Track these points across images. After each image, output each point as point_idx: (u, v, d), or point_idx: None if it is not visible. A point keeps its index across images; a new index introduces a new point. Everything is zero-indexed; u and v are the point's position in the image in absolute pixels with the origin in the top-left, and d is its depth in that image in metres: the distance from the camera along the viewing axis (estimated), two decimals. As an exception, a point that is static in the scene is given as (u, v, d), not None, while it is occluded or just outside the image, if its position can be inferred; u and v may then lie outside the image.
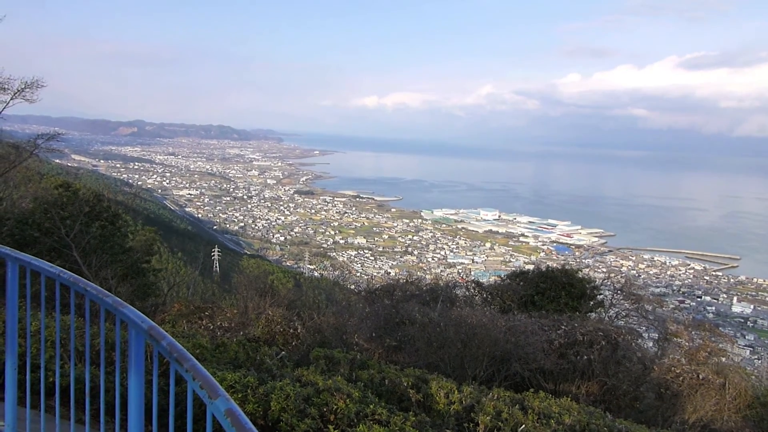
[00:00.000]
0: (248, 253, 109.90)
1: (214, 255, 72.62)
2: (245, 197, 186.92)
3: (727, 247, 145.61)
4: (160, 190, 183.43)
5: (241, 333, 12.84)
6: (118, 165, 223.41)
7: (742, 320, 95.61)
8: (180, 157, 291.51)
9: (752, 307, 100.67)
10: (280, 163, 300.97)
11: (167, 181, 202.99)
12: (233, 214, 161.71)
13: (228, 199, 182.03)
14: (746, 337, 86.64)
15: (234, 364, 7.38)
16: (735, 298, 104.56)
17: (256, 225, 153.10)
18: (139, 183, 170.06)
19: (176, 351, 2.06)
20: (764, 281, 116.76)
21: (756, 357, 73.63)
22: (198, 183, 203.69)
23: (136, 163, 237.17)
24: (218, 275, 62.85)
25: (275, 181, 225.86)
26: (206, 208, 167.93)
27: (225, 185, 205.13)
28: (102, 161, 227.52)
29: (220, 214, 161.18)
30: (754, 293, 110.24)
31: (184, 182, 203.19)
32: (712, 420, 13.90)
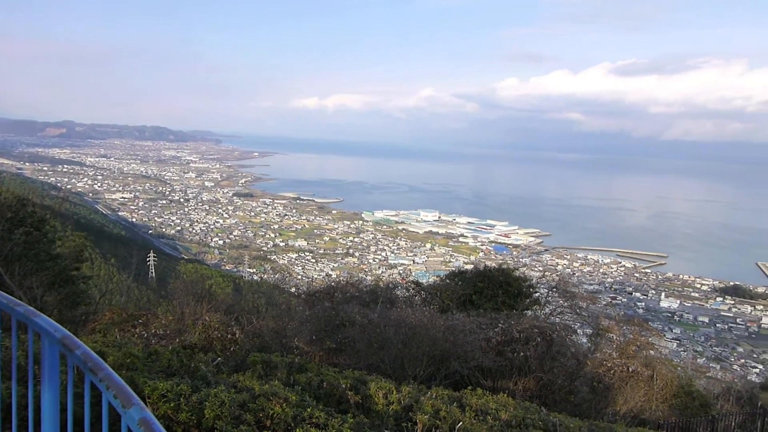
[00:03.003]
0: (185, 257, 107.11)
1: (149, 260, 70.32)
2: (182, 200, 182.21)
3: (656, 246, 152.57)
4: (91, 194, 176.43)
5: (177, 340, 12.48)
6: (46, 168, 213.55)
7: (670, 315, 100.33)
8: (113, 159, 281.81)
9: (678, 302, 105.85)
10: (218, 165, 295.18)
11: (99, 184, 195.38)
12: (170, 218, 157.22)
13: (164, 202, 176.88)
14: (673, 330, 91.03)
15: (167, 372, 7.15)
16: (663, 294, 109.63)
17: (193, 228, 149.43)
18: (69, 186, 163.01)
19: (91, 360, 1.96)
20: (690, 278, 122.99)
21: (682, 349, 77.55)
22: (132, 186, 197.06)
23: (65, 166, 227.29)
24: (154, 281, 60.90)
25: (213, 184, 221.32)
26: (141, 212, 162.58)
27: (161, 188, 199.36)
28: (27, 164, 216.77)
29: (156, 218, 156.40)
30: (680, 289, 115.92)
31: (117, 185, 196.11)
32: (642, 410, 14.51)
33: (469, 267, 24.66)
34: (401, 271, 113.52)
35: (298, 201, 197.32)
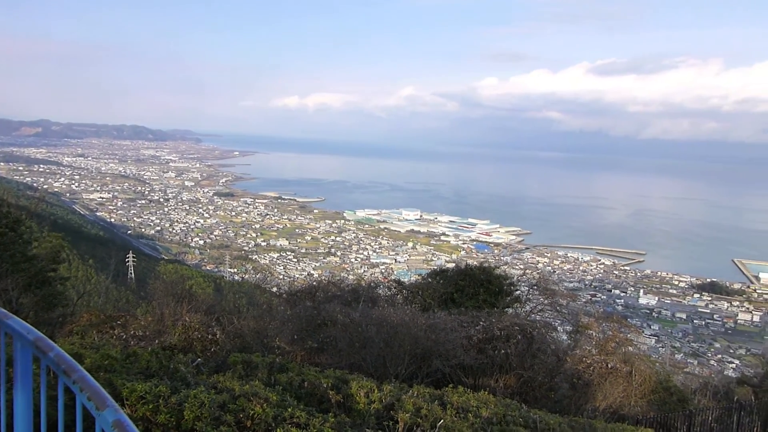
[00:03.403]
0: (165, 258, 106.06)
1: (128, 261, 69.50)
2: (162, 200, 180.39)
3: (634, 243, 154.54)
4: (68, 194, 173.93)
5: (157, 341, 12.35)
6: (21, 167, 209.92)
7: (648, 311, 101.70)
8: (90, 158, 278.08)
9: (657, 299, 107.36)
10: (198, 165, 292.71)
11: (76, 184, 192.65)
12: (149, 218, 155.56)
13: (143, 202, 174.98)
14: (651, 327, 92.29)
15: (146, 373, 7.07)
16: (641, 291, 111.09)
17: (173, 229, 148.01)
18: (45, 186, 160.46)
19: (64, 362, 1.93)
20: (668, 274, 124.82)
21: (660, 345, 78.60)
22: (110, 186, 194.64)
23: (42, 166, 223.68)
24: (133, 282, 60.19)
25: (193, 183, 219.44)
26: (119, 212, 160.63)
27: (140, 188, 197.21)
28: (2, 164, 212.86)
29: (135, 218, 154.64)
30: (658, 286, 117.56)
31: (95, 185, 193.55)
32: (621, 406, 14.69)
33: (451, 265, 24.74)
34: (383, 270, 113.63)
35: (279, 200, 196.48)
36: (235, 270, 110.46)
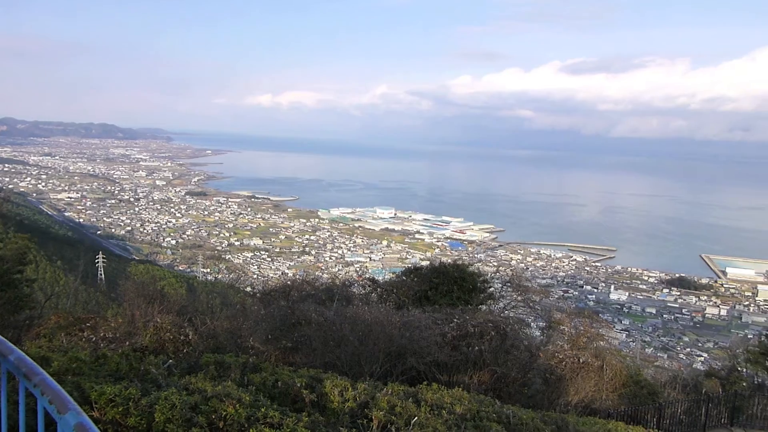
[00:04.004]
0: (137, 258, 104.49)
1: (98, 262, 68.28)
2: (132, 200, 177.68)
3: (605, 240, 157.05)
4: (35, 194, 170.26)
5: (128, 343, 12.15)
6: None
7: (619, 306, 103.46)
8: (58, 157, 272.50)
9: (627, 294, 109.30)
10: (169, 164, 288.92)
11: (43, 183, 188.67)
12: (119, 218, 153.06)
13: (113, 201, 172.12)
14: (622, 321, 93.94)
15: (116, 376, 6.94)
16: (612, 287, 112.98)
17: (144, 229, 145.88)
18: (10, 186, 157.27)
19: (25, 365, 1.87)
20: (638, 270, 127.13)
21: (631, 340, 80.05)
22: (79, 185, 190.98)
23: (6, 165, 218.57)
24: (103, 283, 59.16)
25: (165, 182, 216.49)
26: (89, 212, 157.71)
27: (109, 187, 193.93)
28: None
29: (105, 218, 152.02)
30: (628, 281, 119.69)
31: (62, 185, 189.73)
32: (593, 400, 14.91)
33: (425, 263, 24.86)
34: (358, 269, 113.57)
35: (253, 199, 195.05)
36: (209, 270, 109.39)
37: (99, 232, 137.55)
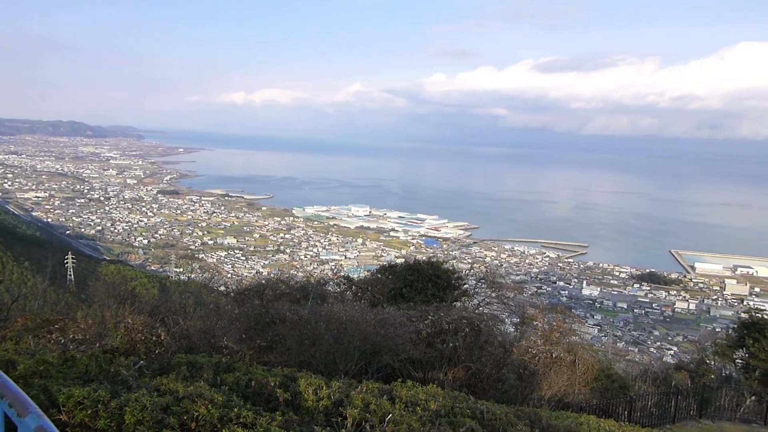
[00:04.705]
0: (107, 258, 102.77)
1: (67, 262, 66.94)
2: (102, 199, 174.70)
3: (577, 236, 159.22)
4: (1, 194, 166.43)
5: (98, 345, 11.94)
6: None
7: (591, 302, 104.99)
8: (24, 156, 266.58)
9: (599, 289, 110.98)
10: (141, 162, 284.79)
11: (9, 183, 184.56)
12: (89, 218, 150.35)
13: (82, 201, 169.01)
14: (594, 317, 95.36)
15: (85, 378, 6.81)
16: (585, 282, 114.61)
17: (115, 228, 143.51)
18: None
19: (-15, 368, 1.82)
20: (609, 266, 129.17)
21: (603, 334, 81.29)
22: (47, 184, 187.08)
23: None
24: (72, 284, 58.04)
25: (136, 181, 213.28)
26: (57, 211, 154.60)
27: (78, 186, 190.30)
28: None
29: (74, 218, 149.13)
30: (600, 277, 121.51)
31: (30, 184, 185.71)
32: (565, 394, 15.11)
33: (400, 261, 24.90)
34: (333, 267, 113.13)
35: (226, 198, 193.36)
36: (182, 269, 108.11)
37: (68, 232, 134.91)
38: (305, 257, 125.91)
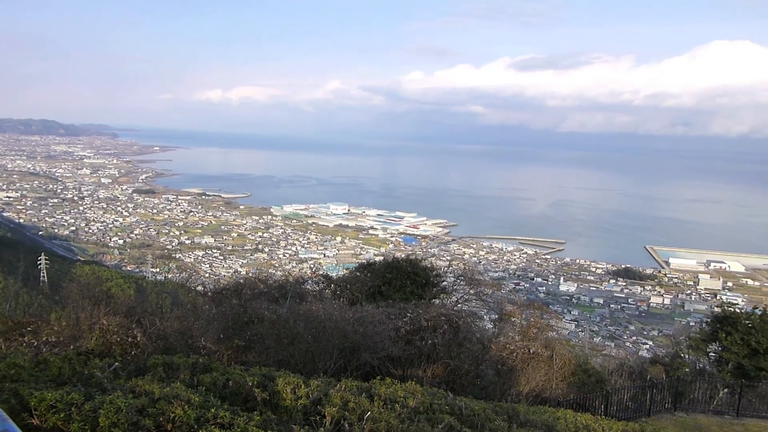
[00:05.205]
0: (82, 259, 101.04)
1: (40, 263, 65.70)
2: (76, 198, 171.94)
3: (554, 233, 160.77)
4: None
5: (72, 347, 11.75)
6: None
7: (568, 297, 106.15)
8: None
9: (576, 285, 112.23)
10: (115, 161, 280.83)
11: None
12: (62, 218, 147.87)
13: (55, 200, 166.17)
14: (572, 312, 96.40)
15: (58, 381, 6.70)
16: (562, 279, 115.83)
17: (90, 228, 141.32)
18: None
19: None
20: (586, 262, 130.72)
21: (580, 330, 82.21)
22: (18, 184, 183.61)
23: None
24: (46, 286, 56.97)
25: (111, 180, 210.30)
26: (29, 212, 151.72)
27: (51, 186, 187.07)
28: None
29: (47, 218, 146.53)
30: (577, 273, 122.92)
31: (0, 184, 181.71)
32: (543, 389, 15.26)
33: (379, 259, 24.90)
34: (312, 265, 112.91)
35: (203, 197, 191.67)
36: (158, 269, 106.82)
37: (41, 233, 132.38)
38: (284, 256, 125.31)
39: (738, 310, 22.88)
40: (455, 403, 7.84)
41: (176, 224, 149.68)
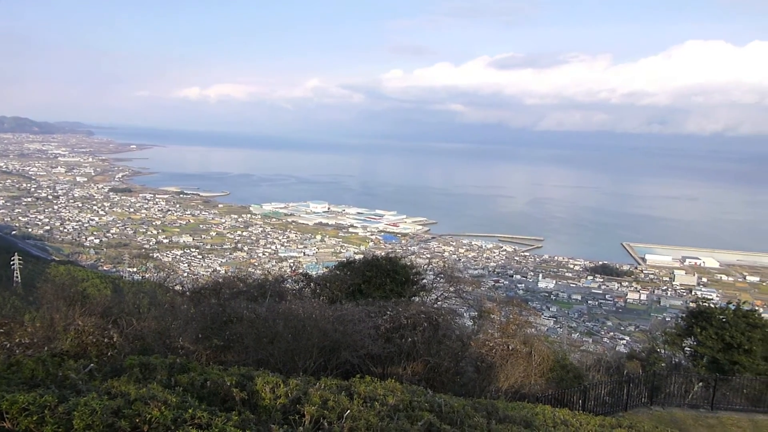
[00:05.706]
0: (57, 259, 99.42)
1: (13, 263, 64.57)
2: (50, 197, 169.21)
3: (533, 230, 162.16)
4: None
5: (46, 348, 11.55)
6: None
7: (547, 294, 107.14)
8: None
9: (554, 282, 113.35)
10: (91, 159, 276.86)
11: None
12: (36, 217, 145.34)
13: (29, 200, 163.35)
14: (550, 309, 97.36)
15: (30, 383, 6.58)
16: (540, 275, 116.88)
17: (65, 228, 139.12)
18: None
19: None
20: (564, 259, 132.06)
21: (558, 326, 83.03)
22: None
23: None
24: (19, 286, 56.00)
25: (86, 179, 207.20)
26: (2, 211, 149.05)
27: (25, 185, 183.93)
28: None
29: (20, 218, 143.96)
30: (555, 270, 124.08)
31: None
32: (522, 385, 15.38)
33: (359, 257, 24.86)
34: (292, 264, 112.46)
35: (181, 195, 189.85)
36: (136, 269, 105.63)
37: (14, 233, 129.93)
38: (263, 255, 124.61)
39: (712, 306, 23.28)
40: (435, 400, 7.86)
41: (154, 223, 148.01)
